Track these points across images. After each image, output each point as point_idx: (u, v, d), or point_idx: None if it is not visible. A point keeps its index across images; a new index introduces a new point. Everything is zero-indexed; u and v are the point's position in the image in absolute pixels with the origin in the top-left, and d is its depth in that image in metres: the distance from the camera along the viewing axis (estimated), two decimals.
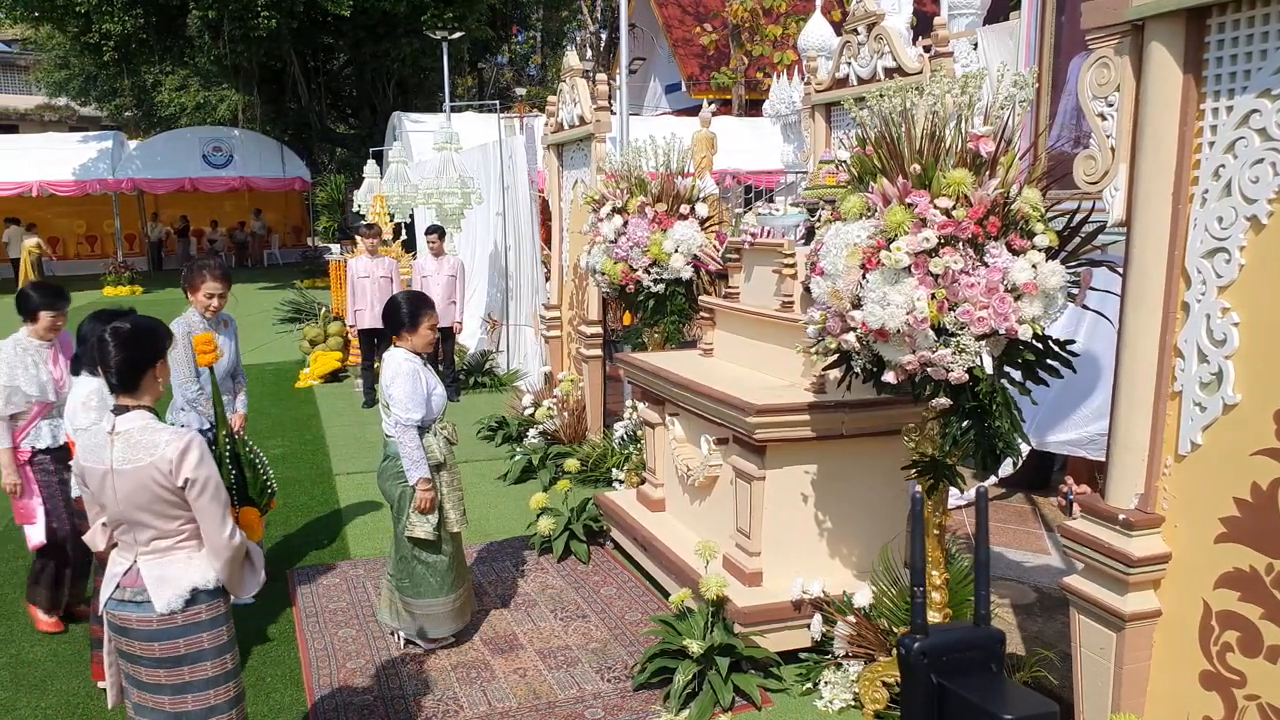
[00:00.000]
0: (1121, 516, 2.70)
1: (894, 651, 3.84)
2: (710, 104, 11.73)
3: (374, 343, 9.60)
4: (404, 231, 13.73)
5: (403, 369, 4.23)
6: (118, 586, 2.77)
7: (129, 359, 2.71)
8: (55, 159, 22.49)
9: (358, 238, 10.34)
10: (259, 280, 22.47)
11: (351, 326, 9.99)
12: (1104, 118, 2.74)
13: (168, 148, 23.96)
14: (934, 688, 0.80)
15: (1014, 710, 1.10)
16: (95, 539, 2.88)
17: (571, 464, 6.32)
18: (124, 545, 2.80)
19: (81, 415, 3.85)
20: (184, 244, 26.82)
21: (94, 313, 3.84)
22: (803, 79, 8.32)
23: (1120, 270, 2.84)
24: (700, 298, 5.71)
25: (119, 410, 2.73)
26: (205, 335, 3.17)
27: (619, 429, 7.07)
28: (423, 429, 4.27)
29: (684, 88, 22.66)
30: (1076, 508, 2.92)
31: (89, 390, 3.90)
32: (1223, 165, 2.49)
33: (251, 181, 24.21)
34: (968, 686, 0.83)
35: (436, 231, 9.76)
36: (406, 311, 4.29)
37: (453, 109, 15.89)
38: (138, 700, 2.83)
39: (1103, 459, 4.16)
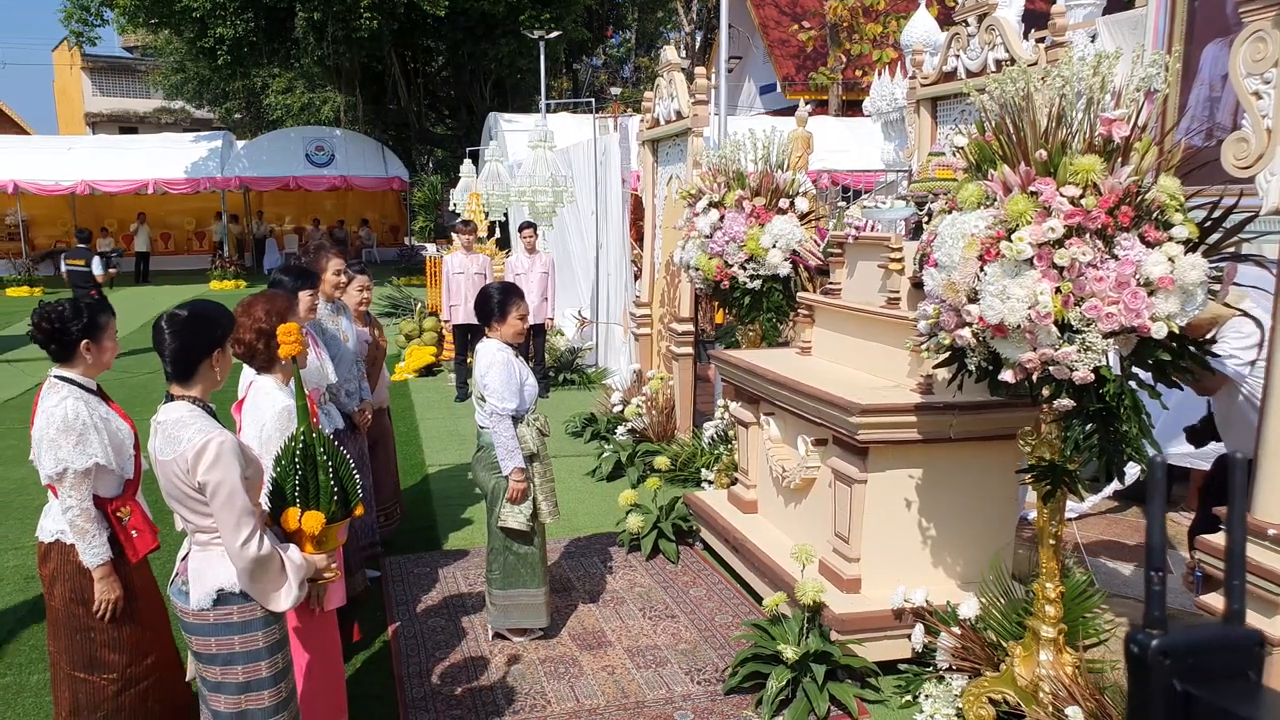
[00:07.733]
0: (1271, 531, 2.47)
1: (1001, 666, 3.64)
2: (806, 104, 11.54)
3: (468, 338, 9.71)
4: (498, 229, 13.87)
5: (497, 359, 4.21)
6: (176, 572, 2.73)
7: (183, 347, 2.63)
8: (169, 158, 23.47)
9: (454, 234, 10.46)
10: None
11: (446, 322, 10.11)
12: (1259, 96, 2.52)
13: (273, 147, 24.74)
14: (1178, 696, 0.66)
15: None
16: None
17: (661, 461, 6.22)
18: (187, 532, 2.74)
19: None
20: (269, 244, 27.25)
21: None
22: (905, 75, 8.08)
23: (1271, 266, 2.61)
24: (799, 294, 5.55)
25: (167, 398, 2.66)
26: (288, 326, 2.95)
27: (708, 429, 6.95)
28: (516, 419, 4.23)
29: (779, 88, 22.44)
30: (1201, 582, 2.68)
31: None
32: None
33: (352, 180, 24.76)
34: (1226, 698, 0.68)
35: (531, 227, 9.80)
36: (496, 302, 4.29)
37: (547, 109, 16.00)
38: (201, 682, 2.76)
39: None
